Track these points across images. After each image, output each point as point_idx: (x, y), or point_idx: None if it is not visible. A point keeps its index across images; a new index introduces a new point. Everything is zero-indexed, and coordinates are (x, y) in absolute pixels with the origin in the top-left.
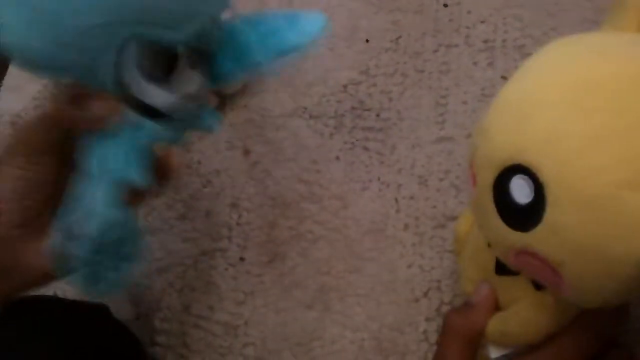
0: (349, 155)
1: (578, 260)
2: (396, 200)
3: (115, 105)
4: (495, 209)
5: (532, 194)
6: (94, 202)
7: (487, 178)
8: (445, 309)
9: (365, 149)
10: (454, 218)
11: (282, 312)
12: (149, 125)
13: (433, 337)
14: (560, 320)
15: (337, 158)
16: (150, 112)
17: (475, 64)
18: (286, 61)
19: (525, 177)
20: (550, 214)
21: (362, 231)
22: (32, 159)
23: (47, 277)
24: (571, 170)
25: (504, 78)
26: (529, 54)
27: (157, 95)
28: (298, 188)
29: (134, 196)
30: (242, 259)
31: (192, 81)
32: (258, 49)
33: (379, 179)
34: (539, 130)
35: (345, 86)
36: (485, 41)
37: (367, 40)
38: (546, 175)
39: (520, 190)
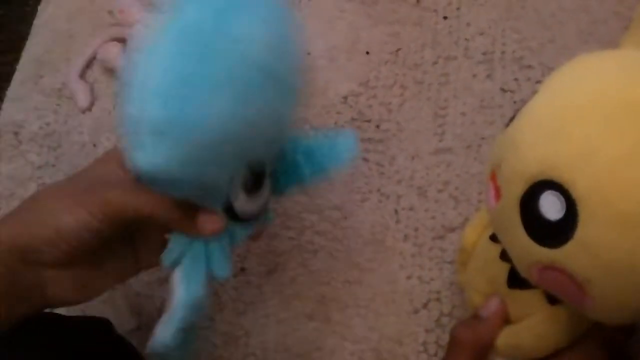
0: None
1: (607, 278)
2: (396, 211)
3: (220, 220)
4: (521, 224)
5: (564, 210)
6: (191, 295)
7: (514, 192)
8: (444, 320)
9: (365, 160)
10: (452, 229)
11: (282, 322)
12: (239, 230)
13: (432, 349)
14: (573, 334)
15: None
16: (239, 217)
17: (474, 75)
18: (326, 176)
19: (557, 193)
20: (583, 230)
21: (362, 242)
22: (107, 220)
23: (65, 304)
24: (607, 186)
25: (503, 90)
26: (527, 66)
27: (252, 206)
28: (298, 198)
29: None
30: (242, 269)
31: (266, 193)
32: (305, 168)
33: (378, 190)
34: (574, 146)
35: (345, 97)
36: (484, 53)
37: (367, 52)
38: (580, 191)
39: (551, 206)
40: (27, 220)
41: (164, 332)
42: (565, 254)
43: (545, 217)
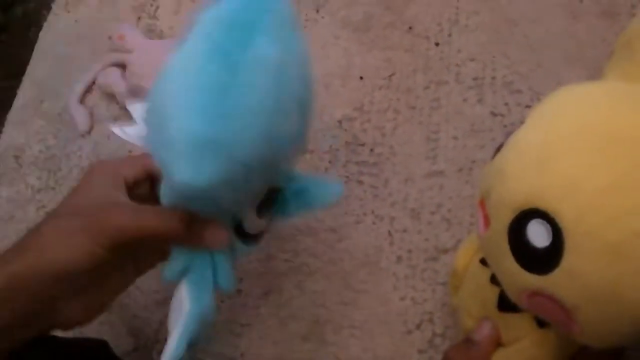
0: (343, 189)
1: (593, 305)
2: (389, 233)
3: (227, 233)
4: (510, 251)
5: (550, 238)
6: (200, 308)
7: (503, 220)
8: (437, 341)
9: (360, 182)
10: (445, 251)
11: (278, 344)
12: (240, 248)
13: None
14: (562, 357)
15: None
16: (245, 235)
17: (465, 100)
18: (309, 213)
19: (543, 221)
20: (569, 259)
21: (356, 264)
22: (114, 245)
23: (74, 326)
24: (592, 217)
25: (493, 114)
26: (517, 90)
27: (259, 226)
28: (294, 221)
29: None
30: (238, 291)
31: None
32: (292, 204)
33: (372, 212)
34: (560, 176)
35: (340, 122)
36: (475, 78)
37: (361, 78)
38: (565, 220)
39: (538, 234)
40: (35, 261)
41: (177, 347)
42: (553, 281)
43: (533, 244)
